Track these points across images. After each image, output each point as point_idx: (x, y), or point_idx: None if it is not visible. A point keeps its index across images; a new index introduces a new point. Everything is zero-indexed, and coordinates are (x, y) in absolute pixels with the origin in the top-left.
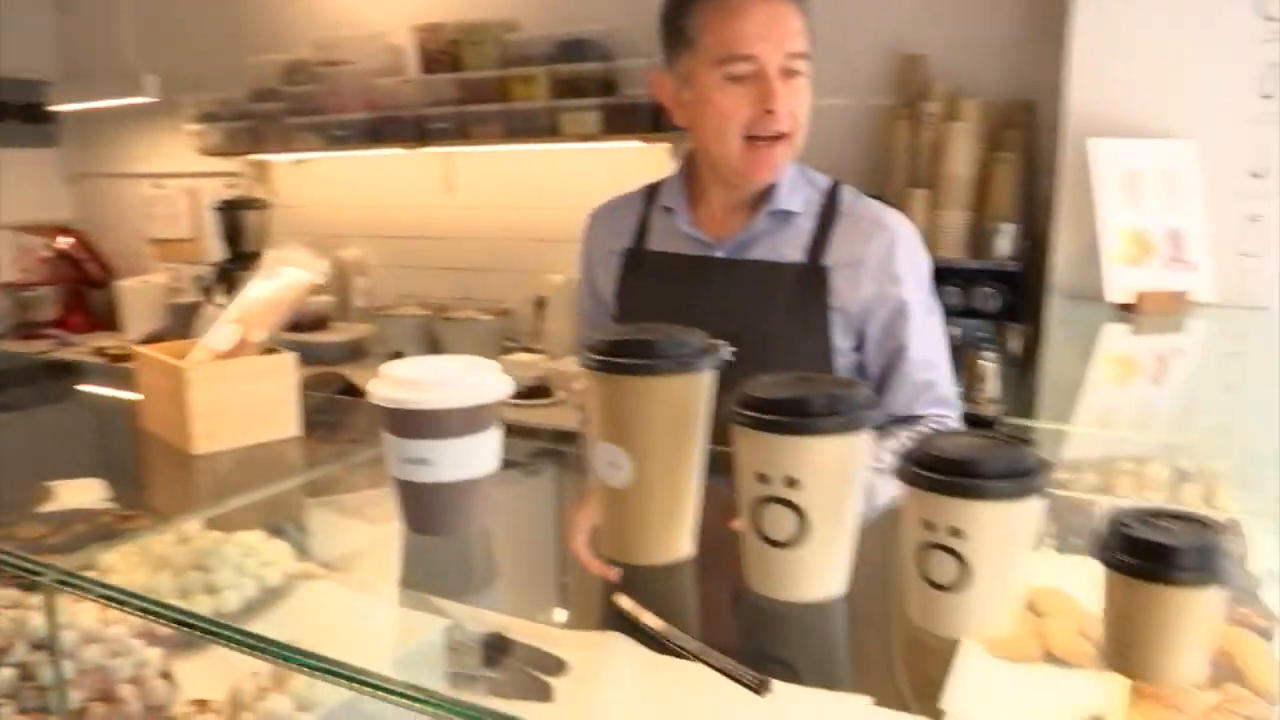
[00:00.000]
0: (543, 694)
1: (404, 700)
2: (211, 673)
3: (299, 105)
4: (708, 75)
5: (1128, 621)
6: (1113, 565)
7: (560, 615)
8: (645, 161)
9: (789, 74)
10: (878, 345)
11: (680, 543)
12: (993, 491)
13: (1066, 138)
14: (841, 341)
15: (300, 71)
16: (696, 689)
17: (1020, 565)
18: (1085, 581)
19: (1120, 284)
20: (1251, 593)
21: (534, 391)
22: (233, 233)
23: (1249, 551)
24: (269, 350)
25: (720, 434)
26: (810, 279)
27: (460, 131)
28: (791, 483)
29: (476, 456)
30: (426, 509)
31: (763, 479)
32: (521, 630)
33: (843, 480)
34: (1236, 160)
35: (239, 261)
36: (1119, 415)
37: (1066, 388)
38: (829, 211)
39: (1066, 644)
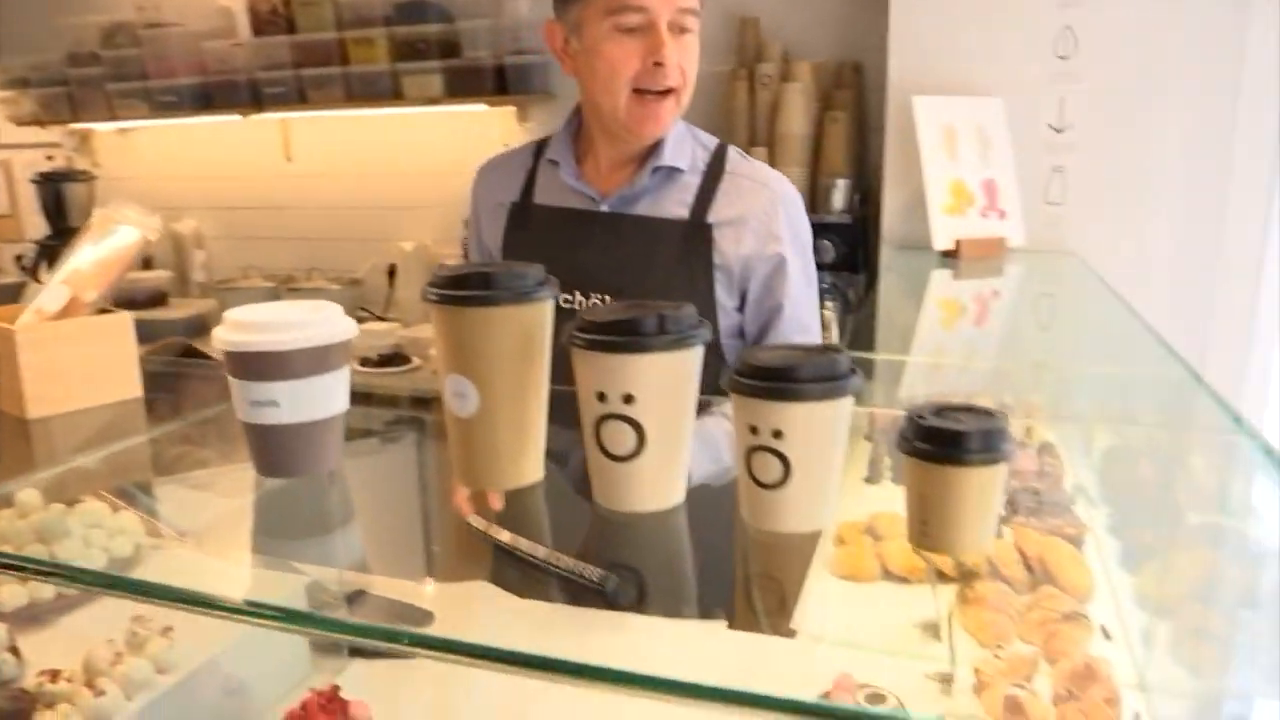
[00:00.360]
0: (410, 649)
1: (291, 627)
2: (60, 646)
3: (121, 70)
4: (598, 25)
5: (926, 502)
6: (910, 452)
7: (425, 571)
8: (490, 125)
9: (679, 29)
10: (757, 304)
11: (529, 468)
12: (808, 394)
13: (891, 96)
14: (725, 299)
15: (121, 34)
16: (561, 633)
17: (838, 461)
18: None
19: (944, 232)
20: (1065, 507)
21: (389, 359)
22: (55, 207)
23: (1064, 471)
24: (103, 311)
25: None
26: (694, 236)
27: (297, 96)
28: (629, 399)
29: (325, 397)
30: (277, 451)
31: (602, 398)
32: (386, 587)
33: (677, 395)
34: (1040, 115)
35: (63, 238)
36: (948, 353)
37: (901, 331)
38: (715, 170)
39: (902, 561)
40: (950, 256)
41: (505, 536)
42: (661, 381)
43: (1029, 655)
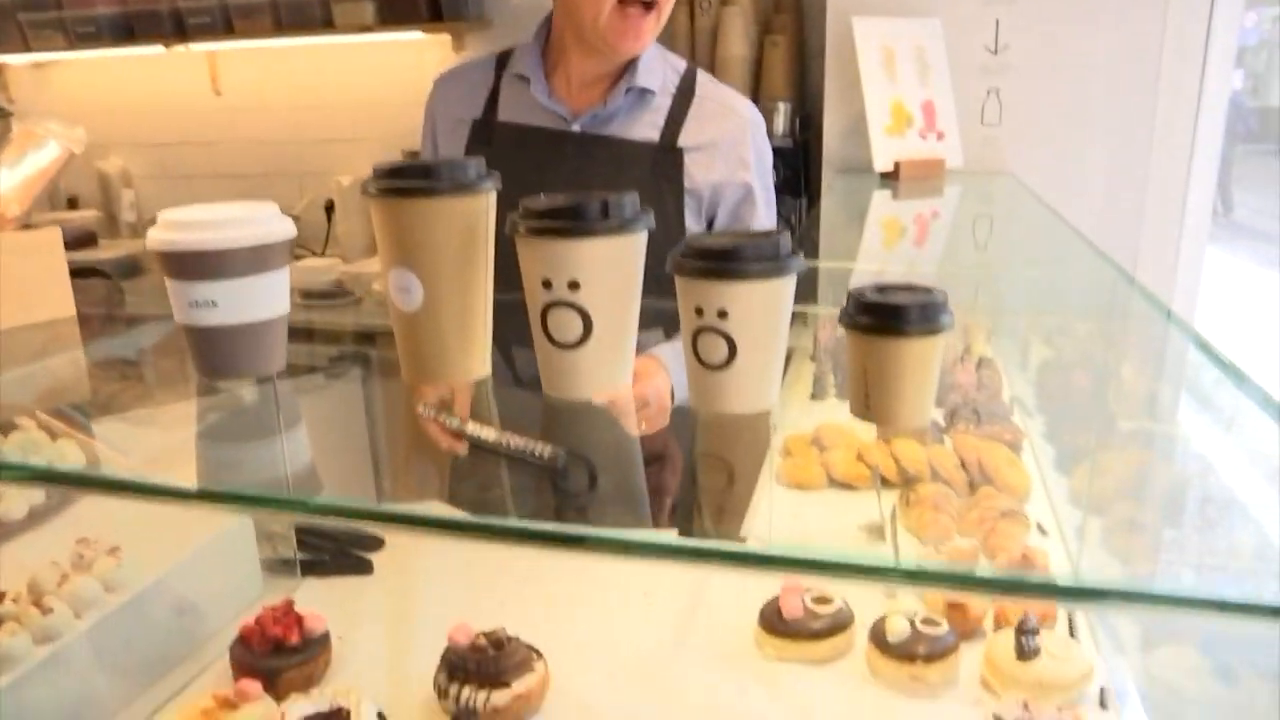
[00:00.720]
0: (362, 568)
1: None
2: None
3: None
4: None
5: (868, 375)
6: (852, 327)
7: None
8: (425, 54)
9: None
10: (724, 230)
11: (476, 362)
12: (752, 273)
13: (831, 18)
14: (693, 224)
15: None
16: (504, 551)
17: (781, 342)
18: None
19: (884, 154)
20: (1004, 416)
21: (330, 295)
22: None
23: (1002, 385)
24: (28, 227)
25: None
26: (665, 160)
27: (224, 25)
28: (574, 285)
29: (265, 298)
30: (218, 354)
31: (547, 285)
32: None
33: (622, 282)
34: (976, 37)
35: None
36: (889, 273)
37: (843, 253)
38: (685, 93)
39: (847, 469)
40: (890, 178)
41: (454, 422)
42: (606, 267)
43: (969, 549)
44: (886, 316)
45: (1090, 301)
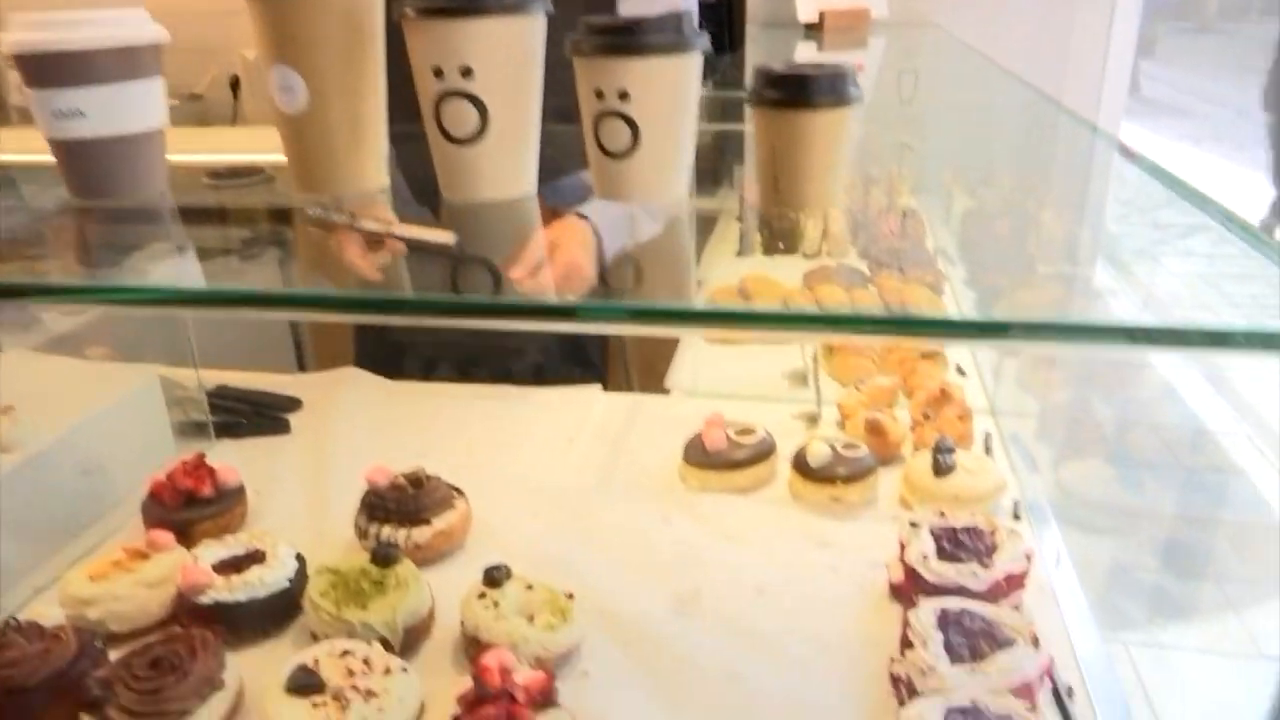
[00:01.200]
0: (279, 428)
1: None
2: None
3: None
4: None
5: (776, 154)
6: (759, 103)
7: (294, 365)
8: None
9: None
10: None
11: (370, 170)
12: (654, 48)
13: None
14: None
15: None
16: (424, 408)
17: (688, 130)
18: (787, 273)
19: (807, 5)
20: (926, 262)
21: (239, 173)
22: None
23: (925, 234)
24: None
25: None
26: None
27: None
28: (467, 73)
29: (139, 108)
30: (90, 171)
31: (439, 74)
32: (255, 380)
33: (519, 70)
34: None
35: None
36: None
37: None
38: None
39: None
40: (814, 30)
41: (344, 217)
42: (501, 53)
43: (888, 386)
44: (794, 90)
45: (1018, 124)
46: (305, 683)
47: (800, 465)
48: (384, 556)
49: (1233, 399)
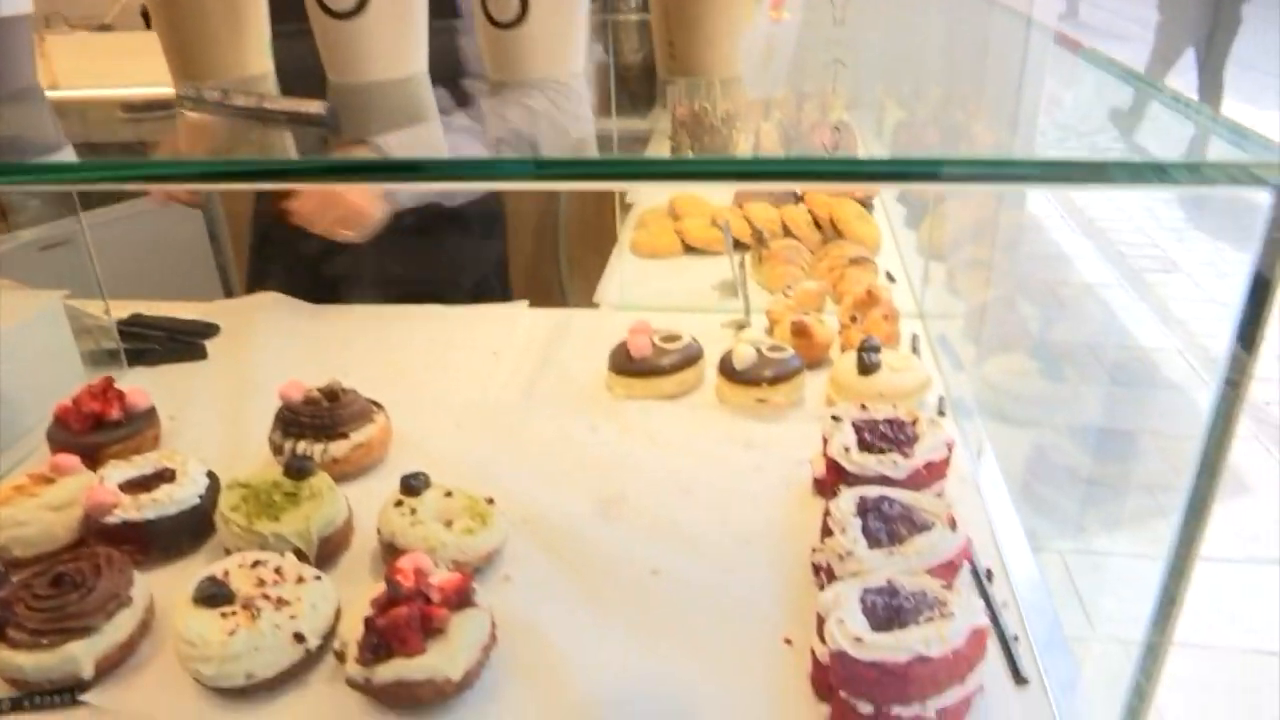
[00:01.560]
0: (195, 353)
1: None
2: None
3: None
4: None
5: (670, 17)
6: None
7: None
8: None
9: None
10: None
11: (252, 56)
12: None
13: None
14: None
15: None
16: (346, 329)
17: (579, 4)
18: (718, 193)
19: None
20: None
21: (155, 105)
22: None
23: (857, 147)
24: None
25: None
26: None
27: None
28: None
29: None
30: None
31: None
32: (172, 309)
33: None
34: None
35: None
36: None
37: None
38: None
39: (700, 234)
40: None
41: (215, 94)
42: None
43: (816, 289)
44: None
45: (949, 57)
46: (213, 593)
47: (726, 369)
48: (297, 469)
49: (1165, 316)
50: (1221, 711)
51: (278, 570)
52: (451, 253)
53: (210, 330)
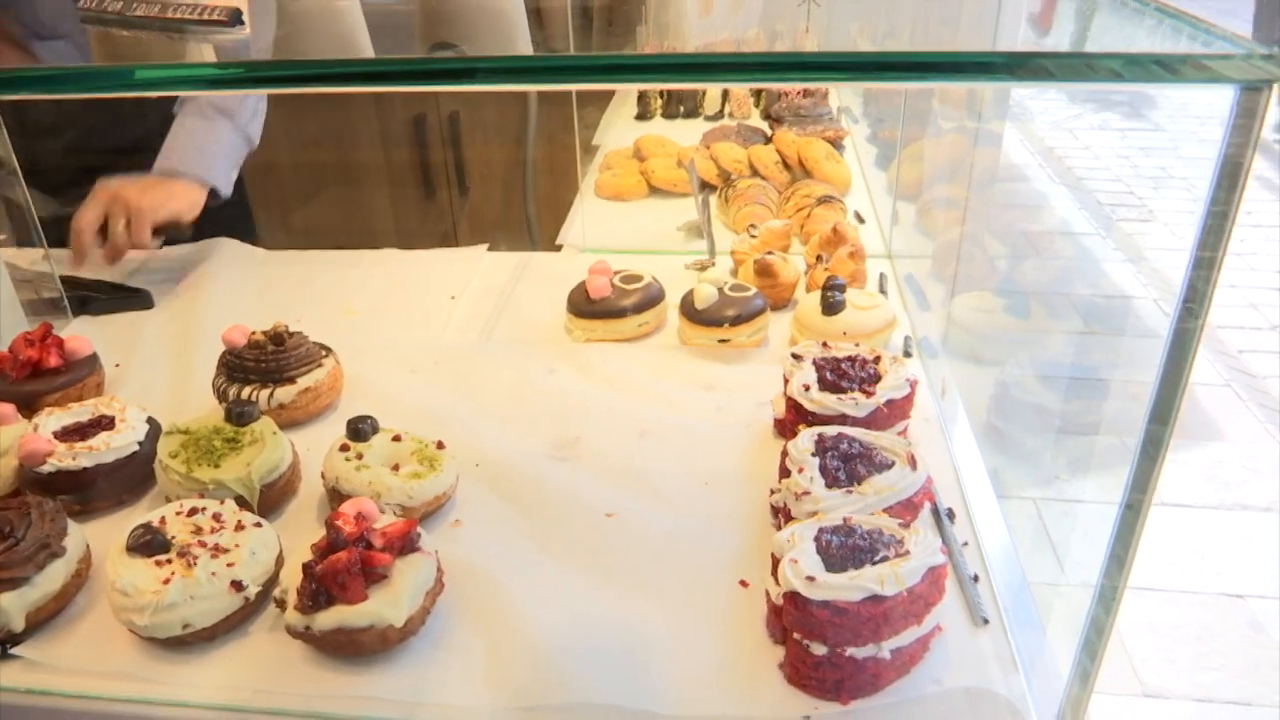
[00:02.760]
0: (142, 302)
1: None
2: None
3: None
4: None
5: None
6: None
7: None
8: None
9: None
10: None
11: None
12: None
13: None
14: None
15: None
16: (299, 274)
17: None
18: (686, 135)
19: None
20: (831, 121)
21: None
22: None
23: (830, 93)
24: None
25: None
26: None
27: None
28: None
29: None
30: None
31: None
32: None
33: None
34: None
35: None
36: None
37: None
38: None
39: (666, 175)
40: None
41: (117, 5)
42: None
43: (781, 229)
44: None
45: None
46: (147, 541)
47: (687, 309)
48: (238, 415)
49: (1140, 264)
50: (1190, 653)
51: (216, 517)
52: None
53: (151, 300)
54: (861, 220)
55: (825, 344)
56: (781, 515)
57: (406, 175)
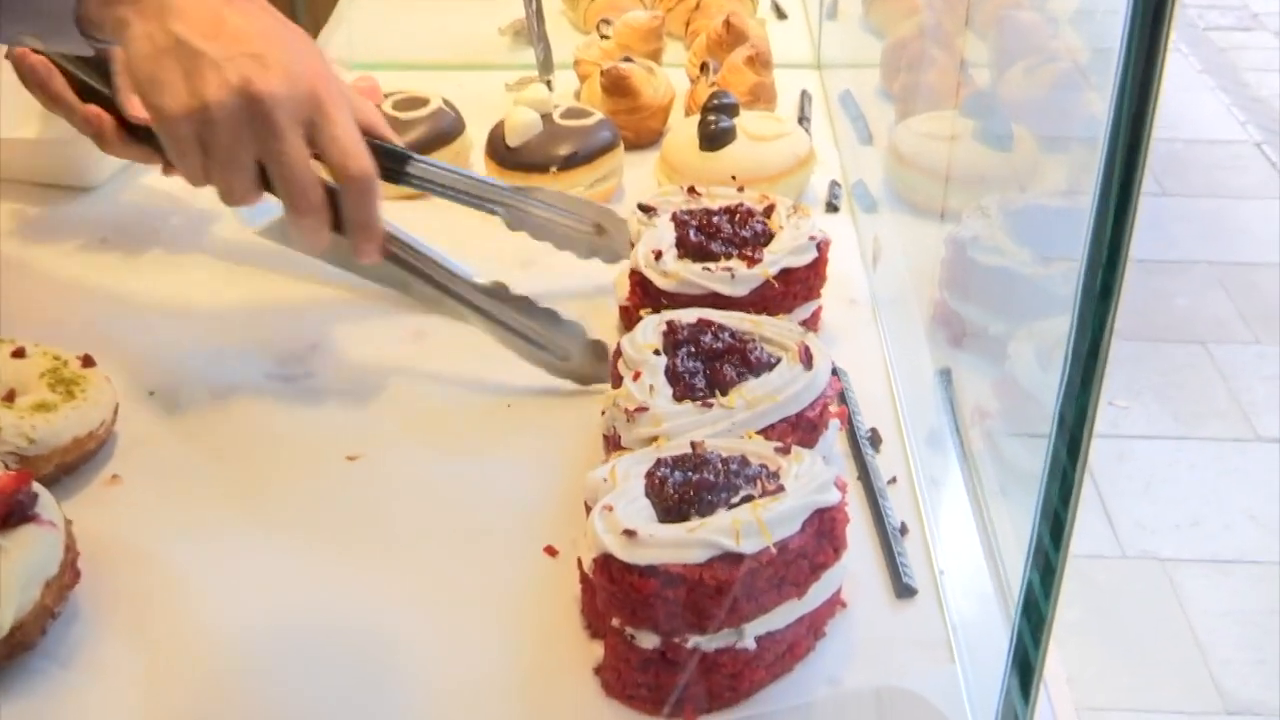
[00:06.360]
0: None
1: None
2: None
3: None
4: None
5: None
6: None
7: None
8: None
9: None
10: None
11: None
12: None
13: None
14: None
15: None
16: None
17: None
18: None
19: None
20: None
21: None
22: None
23: None
24: None
25: None
26: None
27: None
28: None
29: None
30: None
31: None
32: None
33: None
34: None
35: None
36: None
37: None
38: None
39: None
40: None
41: None
42: None
43: (646, 23)
44: None
45: None
46: None
47: (494, 148)
48: None
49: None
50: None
51: None
52: None
53: None
54: (782, 15)
55: (692, 189)
56: (612, 445)
57: None
